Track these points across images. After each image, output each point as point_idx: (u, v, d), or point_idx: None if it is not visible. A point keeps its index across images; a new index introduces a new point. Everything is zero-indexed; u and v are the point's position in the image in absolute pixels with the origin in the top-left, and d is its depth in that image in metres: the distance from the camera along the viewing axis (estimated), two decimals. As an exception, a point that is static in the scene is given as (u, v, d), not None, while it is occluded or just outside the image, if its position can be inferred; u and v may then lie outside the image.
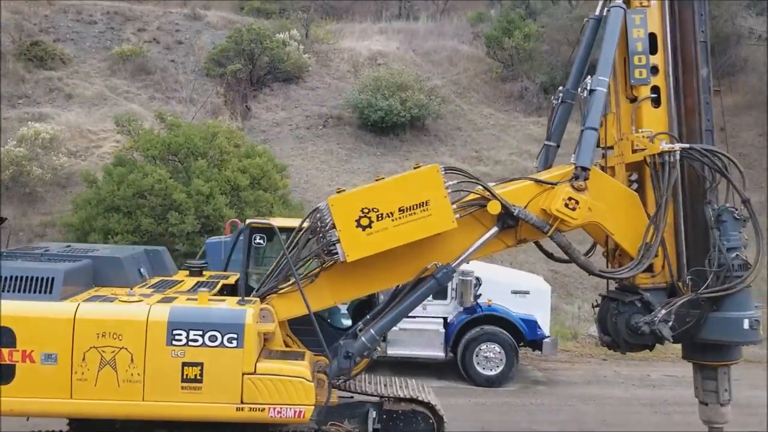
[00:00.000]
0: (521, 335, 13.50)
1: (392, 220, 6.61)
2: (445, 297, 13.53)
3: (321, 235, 6.77)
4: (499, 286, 13.68)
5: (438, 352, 13.56)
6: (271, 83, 26.40)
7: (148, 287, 7.49)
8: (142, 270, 7.82)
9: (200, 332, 6.39)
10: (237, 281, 7.97)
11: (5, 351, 6.38)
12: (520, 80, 27.60)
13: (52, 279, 6.60)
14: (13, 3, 26.31)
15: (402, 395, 8.46)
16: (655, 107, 7.45)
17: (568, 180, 6.96)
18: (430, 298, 13.25)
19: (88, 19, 27.32)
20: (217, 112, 24.23)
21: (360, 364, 7.56)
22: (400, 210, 6.61)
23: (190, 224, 15.55)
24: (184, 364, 6.38)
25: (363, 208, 6.61)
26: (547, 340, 13.58)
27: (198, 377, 6.38)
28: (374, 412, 8.23)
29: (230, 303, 6.81)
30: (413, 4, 36.42)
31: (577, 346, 16.53)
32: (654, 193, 7.27)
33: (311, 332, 7.06)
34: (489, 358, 13.35)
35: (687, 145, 7.18)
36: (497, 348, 13.36)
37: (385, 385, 8.74)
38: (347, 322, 8.68)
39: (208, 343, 6.39)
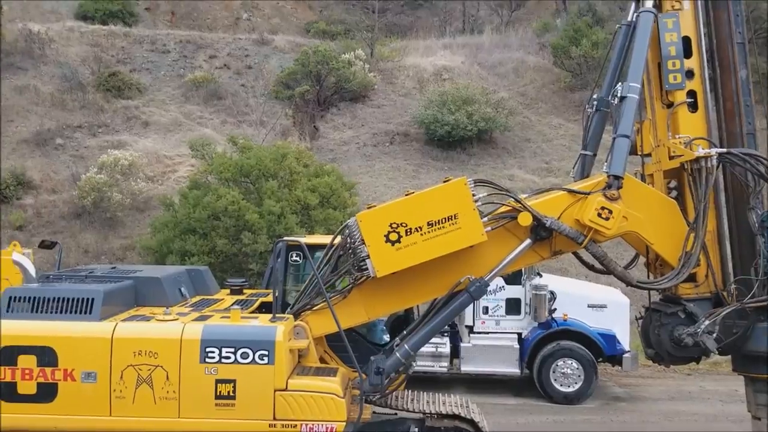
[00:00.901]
0: (600, 350, 13.03)
1: (421, 234, 6.55)
2: (518, 312, 13.23)
3: (351, 251, 6.75)
4: (575, 299, 13.24)
5: (513, 369, 13.23)
6: (338, 103, 26.72)
7: (187, 306, 7.57)
8: (182, 289, 7.91)
9: (232, 349, 6.44)
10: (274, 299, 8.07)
11: (48, 370, 6.53)
12: (589, 89, 26.96)
13: (92, 300, 6.76)
14: (91, 36, 27.65)
15: (444, 412, 8.27)
16: (692, 112, 7.21)
17: (601, 189, 6.78)
18: (503, 313, 13.25)
19: (162, 48, 28.41)
20: (287, 134, 24.67)
21: (396, 381, 7.49)
22: (428, 224, 6.55)
23: (262, 244, 15.78)
24: (217, 381, 6.44)
25: (392, 223, 6.57)
26: (627, 355, 13.06)
27: (231, 394, 6.43)
28: (416, 429, 8.06)
29: (262, 320, 6.84)
30: (477, 17, 36.27)
31: (660, 361, 15.82)
32: (693, 200, 7.04)
33: (350, 347, 7.08)
34: (566, 374, 12.93)
35: (724, 150, 6.96)
36: (575, 364, 12.93)
37: (427, 402, 8.57)
38: (387, 338, 8.58)
39: (240, 360, 6.43)
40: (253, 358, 6.43)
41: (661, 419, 12.04)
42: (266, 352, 6.42)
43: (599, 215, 6.66)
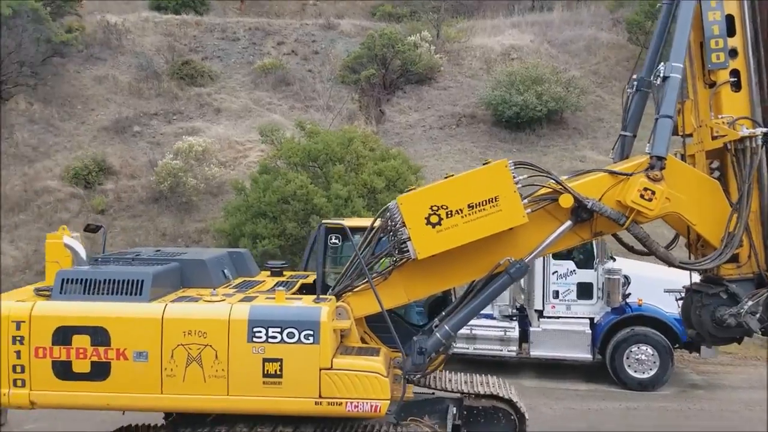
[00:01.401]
0: (676, 336, 12.63)
1: (462, 216, 6.61)
2: (590, 296, 12.96)
3: (392, 233, 6.86)
4: (650, 284, 12.80)
5: (584, 354, 12.99)
6: (404, 86, 26.63)
7: (231, 287, 7.70)
8: (225, 271, 8.07)
9: (278, 329, 6.58)
10: (315, 281, 8.06)
11: (101, 349, 6.76)
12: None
13: (142, 281, 6.95)
14: (165, 25, 28.45)
15: (482, 392, 8.39)
16: (735, 91, 7.09)
17: (644, 170, 6.75)
18: (574, 297, 12.98)
19: (232, 36, 28.95)
20: (353, 118, 24.79)
21: (436, 361, 7.54)
22: (469, 206, 6.60)
23: (330, 227, 15.97)
24: (264, 360, 6.59)
25: (432, 206, 6.63)
26: (705, 341, 12.62)
27: (278, 372, 6.58)
28: (454, 409, 8.16)
29: (306, 301, 6.95)
30: (546, -6, 35.34)
31: (740, 348, 15.15)
32: (736, 180, 6.97)
33: (386, 328, 7.13)
34: (641, 360, 12.61)
35: None
36: (650, 350, 12.60)
37: (465, 382, 8.67)
38: (424, 319, 8.59)
39: (286, 339, 6.58)
40: (299, 338, 6.57)
41: (741, 408, 11.65)
42: (311, 332, 6.55)
43: (642, 196, 6.64)
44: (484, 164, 6.92)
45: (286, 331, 6.58)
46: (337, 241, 7.97)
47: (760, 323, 6.90)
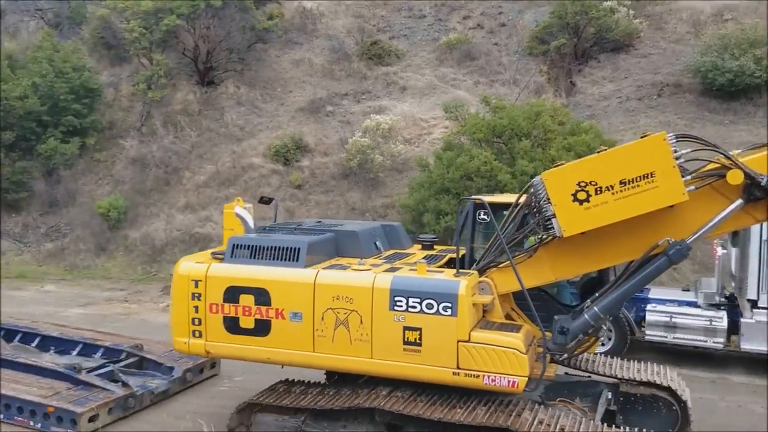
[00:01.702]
0: None
1: (612, 193, 6.26)
2: (814, 283, 11.41)
3: (536, 210, 6.66)
4: None
5: (808, 352, 11.49)
6: (598, 55, 25.15)
7: (381, 258, 8.03)
8: (377, 243, 8.44)
9: (418, 300, 6.82)
10: (462, 255, 7.93)
11: (263, 308, 7.44)
12: None
13: (299, 249, 7.55)
14: (355, 7, 29.40)
15: (640, 378, 8.00)
16: None
17: None
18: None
19: (418, 14, 29.17)
20: (541, 91, 23.96)
21: (586, 343, 7.29)
22: (621, 183, 6.24)
23: (515, 204, 15.64)
24: (404, 328, 6.88)
25: (580, 182, 6.35)
26: None
27: (417, 341, 6.84)
28: (609, 394, 7.96)
29: (447, 275, 7.07)
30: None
31: None
32: None
33: (538, 307, 7.05)
34: None
35: None
36: None
37: (621, 368, 8.35)
38: (576, 300, 8.15)
39: (425, 310, 6.79)
40: (438, 309, 6.75)
41: None
42: (450, 305, 6.71)
43: None
44: (642, 137, 6.41)
45: (425, 302, 6.80)
46: (485, 216, 7.86)
47: None
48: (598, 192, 6.33)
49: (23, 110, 23.74)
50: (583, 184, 6.37)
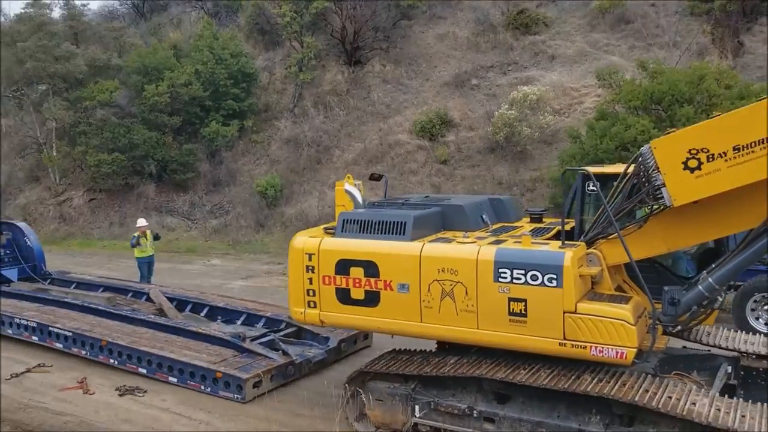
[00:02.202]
0: None
1: (725, 160, 6.03)
2: None
3: (645, 179, 6.48)
4: None
5: None
6: (771, 10, 22.77)
7: (487, 231, 8.04)
8: (484, 216, 8.48)
9: (523, 271, 6.79)
10: (572, 228, 7.80)
11: (372, 280, 7.66)
12: None
13: (405, 223, 7.68)
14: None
15: (762, 352, 7.72)
16: None
17: None
18: None
19: (569, -23, 27.92)
20: (704, 53, 22.11)
21: (701, 315, 7.07)
22: (734, 149, 6.00)
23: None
24: (509, 300, 6.88)
25: (691, 149, 6.16)
26: None
27: (523, 312, 6.84)
28: (728, 367, 7.76)
29: (552, 246, 6.99)
30: None
31: None
32: None
33: (652, 279, 6.93)
34: None
35: None
36: None
37: (744, 341, 8.06)
38: (694, 271, 7.78)
39: (530, 281, 6.76)
40: (542, 281, 6.72)
41: None
42: (554, 276, 6.65)
43: None
44: (760, 100, 5.94)
45: (530, 274, 6.78)
46: (594, 188, 7.55)
47: None
48: (710, 159, 6.11)
49: (188, 96, 25.59)
50: (694, 152, 6.18)
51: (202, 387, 9.72)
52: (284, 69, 27.77)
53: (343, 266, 7.87)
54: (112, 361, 10.72)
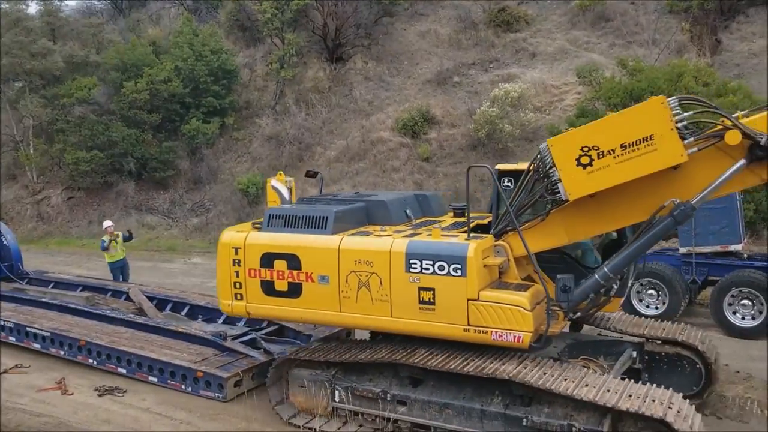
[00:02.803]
0: None
1: (614, 157, 6.51)
2: None
3: (543, 175, 6.93)
4: None
5: None
6: (746, 9, 23.03)
7: (410, 226, 8.37)
8: (407, 211, 8.77)
9: (431, 262, 7.24)
10: (489, 221, 8.22)
11: (295, 272, 8.03)
12: None
13: (326, 218, 8.04)
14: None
15: (664, 337, 8.26)
16: None
17: None
18: None
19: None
20: (682, 51, 22.33)
21: (602, 303, 7.54)
22: (622, 146, 6.48)
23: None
24: (419, 289, 7.33)
25: (583, 147, 6.60)
26: None
27: (431, 300, 7.29)
28: (634, 352, 8.24)
29: (459, 239, 7.43)
30: None
31: None
32: None
33: (562, 269, 7.42)
34: None
35: None
36: None
37: (648, 327, 8.57)
38: (598, 262, 8.18)
39: (437, 271, 7.21)
40: (449, 271, 7.16)
41: None
42: (459, 266, 7.10)
43: None
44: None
45: (437, 264, 7.22)
46: (509, 183, 7.96)
47: None
48: (600, 156, 6.56)
49: (167, 93, 25.37)
50: (586, 149, 6.61)
51: (183, 386, 9.64)
52: (265, 66, 27.63)
53: (268, 259, 8.20)
54: (91, 361, 10.61)
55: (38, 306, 12.58)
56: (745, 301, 11.22)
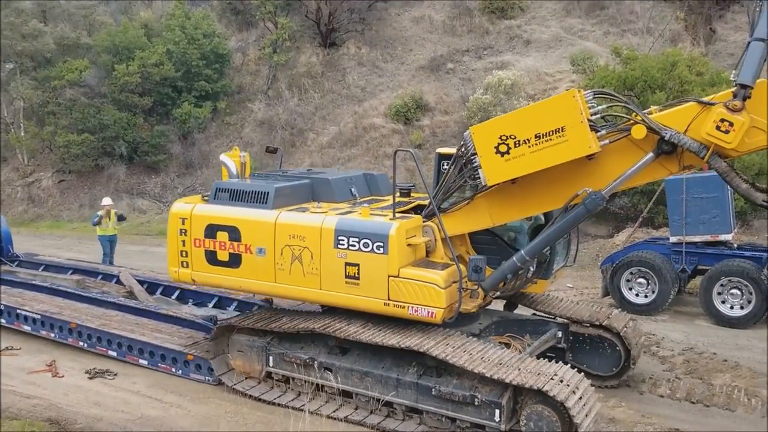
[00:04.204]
0: None
1: (529, 146, 6.84)
2: None
3: (466, 161, 7.33)
4: None
5: None
6: (743, -2, 23.06)
7: (354, 204, 8.74)
8: (353, 189, 9.13)
9: (357, 239, 7.68)
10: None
11: (235, 244, 8.48)
12: None
13: (267, 193, 8.44)
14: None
15: (589, 320, 8.70)
16: None
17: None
18: None
19: (545, -37, 27.94)
20: (677, 40, 22.33)
21: (517, 282, 7.95)
22: (536, 136, 6.80)
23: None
24: (346, 264, 7.76)
25: (501, 136, 6.96)
26: None
27: (356, 275, 7.72)
28: (559, 333, 8.77)
29: (386, 218, 7.78)
30: None
31: None
32: None
33: (494, 251, 8.06)
34: None
35: None
36: None
37: (575, 309, 9.05)
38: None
39: (362, 248, 7.65)
40: (372, 248, 7.60)
41: None
42: (382, 244, 7.54)
43: (718, 128, 6.36)
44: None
45: (362, 241, 7.65)
46: (447, 167, 8.20)
47: None
48: (517, 145, 6.91)
49: (159, 76, 25.18)
50: (504, 138, 6.96)
51: (173, 370, 9.65)
52: (258, 50, 27.45)
53: (211, 230, 8.67)
54: (81, 343, 10.60)
55: (29, 288, 12.52)
56: (734, 291, 11.31)
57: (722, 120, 6.37)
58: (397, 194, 9.60)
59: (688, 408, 8.50)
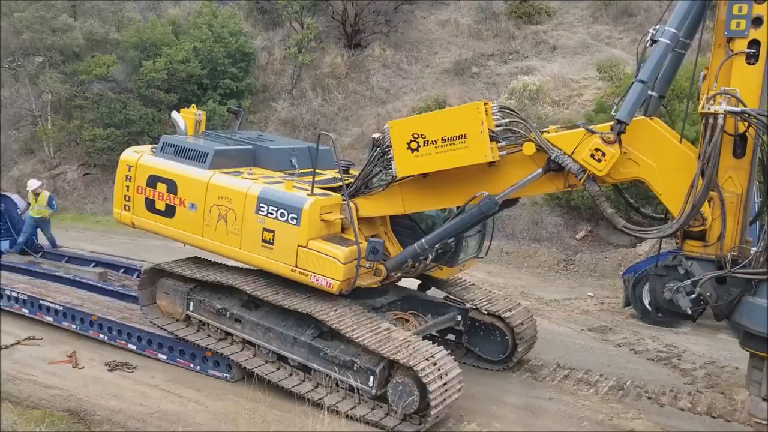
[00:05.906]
0: None
1: (435, 147, 7.51)
2: None
3: (383, 152, 8.03)
4: None
5: None
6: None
7: (291, 175, 9.26)
8: (293, 160, 9.72)
9: (275, 209, 8.39)
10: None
11: (172, 196, 9.26)
12: None
13: (207, 154, 9.19)
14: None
15: (486, 309, 9.55)
16: (750, 64, 6.59)
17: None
18: None
19: (573, -32, 27.74)
20: (706, 50, 21.98)
21: (418, 267, 8.58)
22: (442, 139, 7.47)
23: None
24: (264, 229, 8.50)
25: (414, 134, 7.63)
26: None
27: (271, 240, 8.46)
28: (458, 316, 9.63)
29: (304, 192, 8.43)
30: None
31: None
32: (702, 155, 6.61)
33: (409, 235, 8.92)
34: None
35: (738, 109, 6.37)
36: None
37: (477, 296, 9.88)
38: None
39: (279, 217, 8.36)
40: (287, 218, 8.31)
41: None
42: (296, 216, 8.25)
43: (592, 156, 7.01)
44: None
45: (280, 211, 8.36)
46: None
47: (693, 305, 6.72)
48: (426, 144, 7.56)
49: (185, 73, 25.38)
50: (416, 136, 7.60)
51: (192, 365, 9.72)
52: (283, 50, 27.55)
53: (152, 181, 9.45)
54: (102, 336, 10.71)
55: (52, 280, 12.68)
56: None
57: (596, 149, 7.01)
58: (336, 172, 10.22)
59: (709, 423, 8.39)
